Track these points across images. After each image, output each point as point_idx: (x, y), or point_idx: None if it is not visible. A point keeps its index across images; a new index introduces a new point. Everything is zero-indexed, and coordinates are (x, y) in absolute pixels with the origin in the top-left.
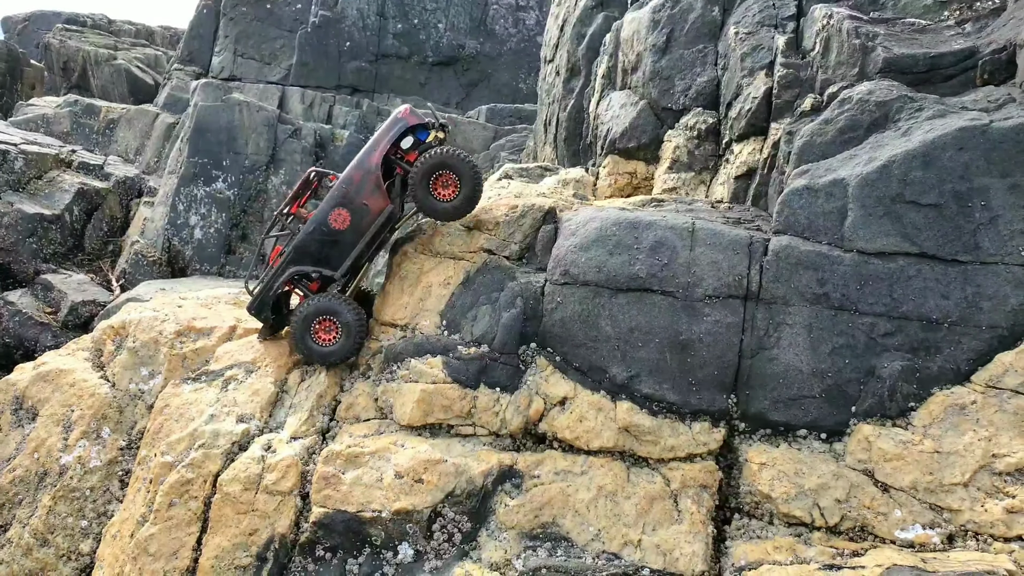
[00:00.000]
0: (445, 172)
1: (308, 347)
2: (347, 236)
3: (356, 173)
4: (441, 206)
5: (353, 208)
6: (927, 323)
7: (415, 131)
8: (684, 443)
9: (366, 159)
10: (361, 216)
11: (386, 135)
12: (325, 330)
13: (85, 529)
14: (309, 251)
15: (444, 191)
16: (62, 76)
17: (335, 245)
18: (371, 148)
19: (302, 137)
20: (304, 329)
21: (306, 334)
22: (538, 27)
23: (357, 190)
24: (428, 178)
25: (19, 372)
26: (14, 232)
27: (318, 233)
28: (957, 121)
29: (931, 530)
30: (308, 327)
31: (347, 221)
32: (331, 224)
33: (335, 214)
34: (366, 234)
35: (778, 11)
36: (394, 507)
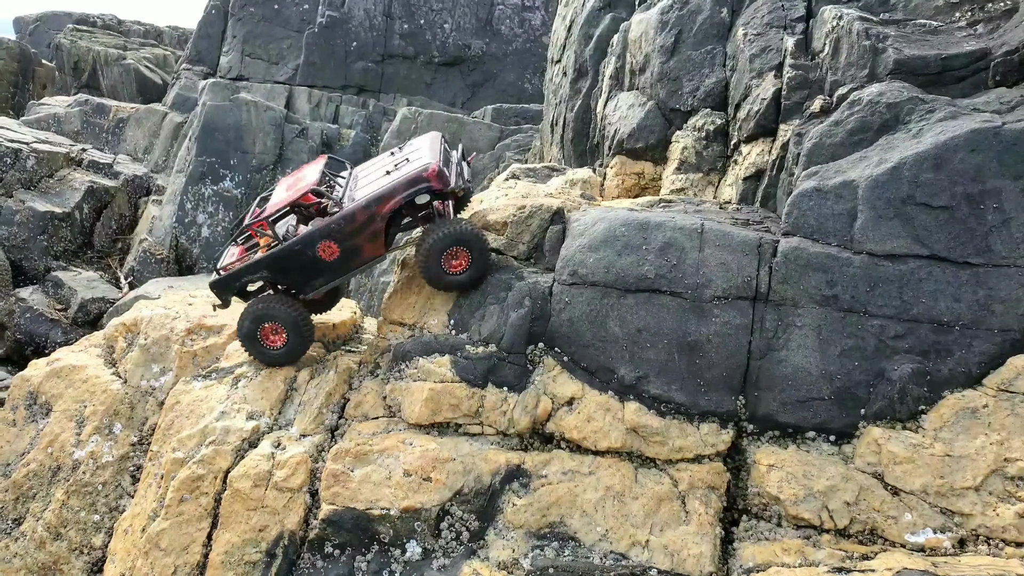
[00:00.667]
0: (459, 248)
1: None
2: (330, 267)
3: (361, 214)
4: (449, 278)
5: (345, 246)
6: (938, 326)
7: (432, 192)
8: (692, 444)
9: (376, 206)
10: (351, 255)
11: (404, 190)
12: (273, 332)
13: (97, 523)
14: (286, 268)
15: (455, 264)
16: (72, 76)
17: (314, 272)
18: (385, 195)
19: (309, 136)
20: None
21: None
22: (544, 27)
23: (356, 231)
24: (441, 252)
25: (33, 368)
26: (25, 230)
27: (302, 256)
28: (969, 123)
29: (942, 534)
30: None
31: (335, 255)
32: (318, 253)
33: (325, 245)
34: (349, 272)
35: (787, 12)
36: (402, 505)
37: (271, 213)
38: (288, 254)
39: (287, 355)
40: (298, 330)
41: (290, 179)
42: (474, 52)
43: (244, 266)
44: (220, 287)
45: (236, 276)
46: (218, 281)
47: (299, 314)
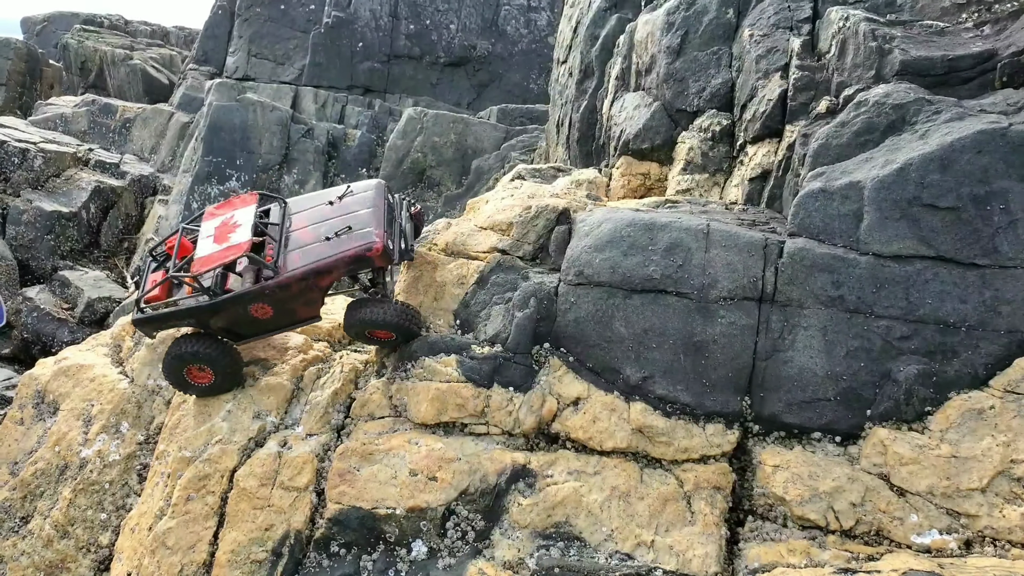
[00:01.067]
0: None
1: (184, 385)
2: (261, 324)
3: (297, 285)
4: (370, 340)
5: (280, 309)
6: (944, 327)
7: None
8: (698, 445)
9: (314, 278)
10: (284, 316)
11: (345, 267)
12: (199, 370)
13: (104, 522)
14: (217, 319)
15: (380, 334)
16: (79, 76)
17: (245, 326)
18: (323, 270)
19: (315, 137)
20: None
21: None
22: (549, 28)
23: (291, 297)
24: (366, 328)
25: (41, 367)
26: (32, 229)
27: (232, 311)
28: (976, 124)
29: (948, 535)
30: (182, 368)
31: (268, 315)
32: (250, 311)
33: (258, 306)
34: (281, 329)
35: (793, 13)
36: (408, 504)
37: (200, 272)
38: (218, 308)
39: (213, 391)
40: (224, 371)
41: (219, 217)
42: (480, 52)
43: (170, 312)
44: (145, 326)
45: (162, 319)
46: (142, 320)
47: (227, 356)
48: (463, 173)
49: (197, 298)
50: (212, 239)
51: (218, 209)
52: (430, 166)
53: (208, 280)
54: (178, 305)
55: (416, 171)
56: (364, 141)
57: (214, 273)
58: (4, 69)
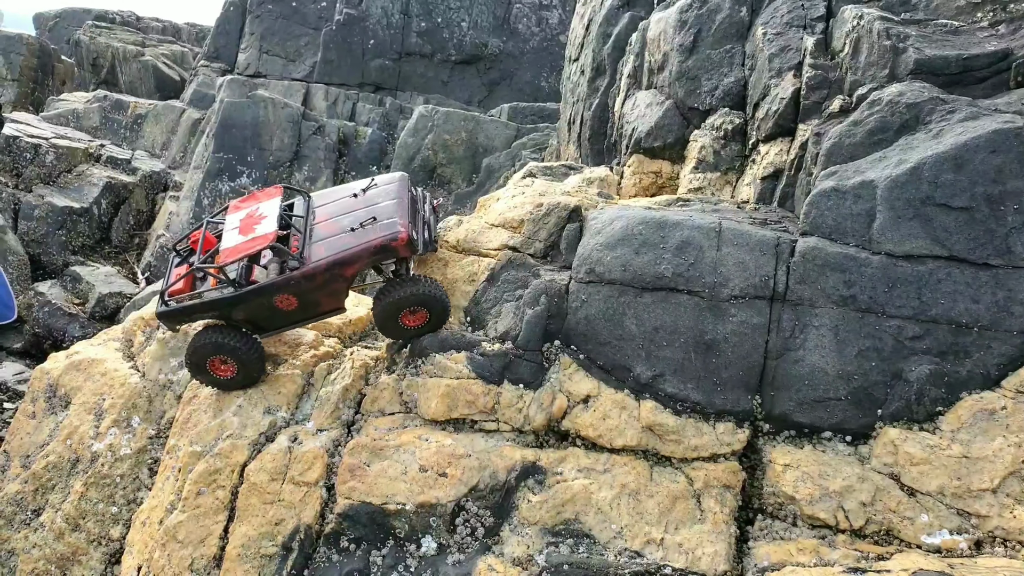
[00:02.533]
0: (419, 308)
1: (207, 378)
2: (286, 315)
3: (322, 276)
4: (404, 331)
5: (304, 300)
6: (956, 327)
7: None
8: (708, 443)
9: (339, 268)
10: (308, 306)
11: (369, 256)
12: (222, 363)
13: (115, 515)
14: (240, 311)
15: (412, 320)
16: (91, 72)
17: (269, 318)
18: (347, 260)
19: (326, 134)
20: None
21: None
22: (561, 26)
23: (316, 288)
24: (400, 310)
25: (52, 361)
26: (44, 224)
27: (257, 303)
28: (990, 124)
29: (958, 535)
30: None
31: (292, 306)
32: (275, 302)
33: (283, 298)
34: (306, 321)
35: (807, 12)
36: (418, 500)
37: (226, 263)
38: (243, 300)
39: (235, 384)
40: (247, 363)
41: (243, 210)
42: (491, 50)
43: (195, 304)
44: (169, 319)
45: (187, 312)
46: (167, 313)
47: (251, 349)
48: (474, 171)
49: (222, 290)
50: (237, 231)
51: (242, 202)
52: (441, 164)
53: (233, 272)
54: (202, 297)
55: (427, 169)
56: (375, 139)
57: (239, 265)
58: (17, 65)
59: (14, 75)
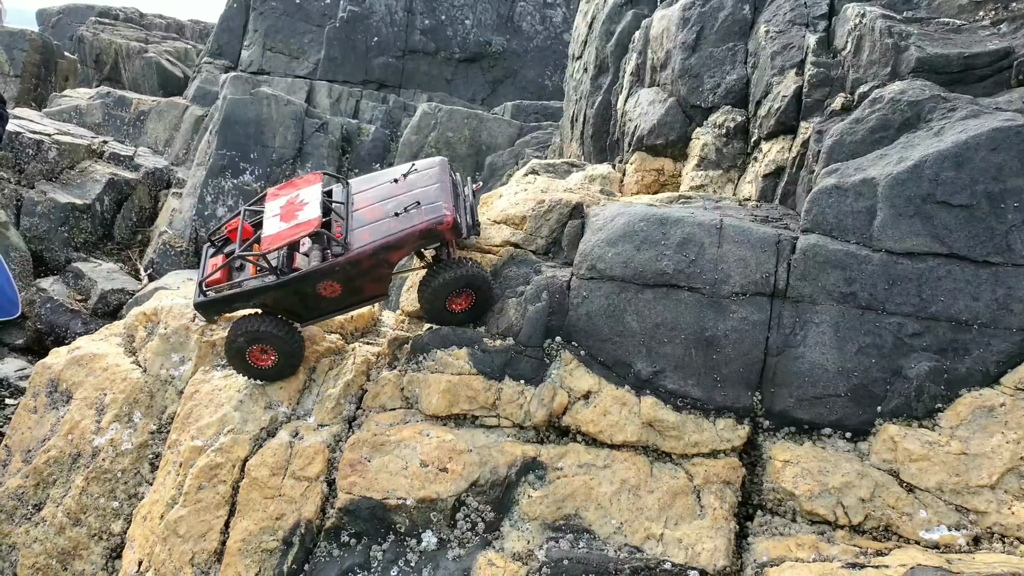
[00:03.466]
0: (465, 291)
1: (246, 368)
2: (329, 302)
3: (368, 261)
4: (452, 316)
5: (349, 286)
6: (956, 324)
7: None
8: (708, 439)
9: (384, 254)
10: (352, 293)
11: (415, 240)
12: (263, 352)
13: (116, 510)
14: (282, 299)
15: (458, 304)
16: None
17: (312, 305)
18: (392, 245)
19: (329, 131)
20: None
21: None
22: (565, 24)
23: (361, 274)
24: (448, 293)
25: (54, 356)
26: (47, 221)
27: (300, 291)
28: (991, 122)
29: (956, 531)
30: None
31: (336, 293)
32: (318, 289)
33: (327, 284)
34: (349, 309)
35: (809, 10)
36: (419, 495)
37: (269, 249)
38: (285, 288)
39: (275, 375)
40: (288, 352)
41: (282, 197)
42: (495, 48)
43: (235, 293)
44: (207, 309)
45: (228, 301)
46: (205, 304)
47: (291, 337)
48: (477, 169)
49: (263, 278)
50: (279, 218)
51: (280, 190)
52: None
53: (274, 260)
54: (243, 286)
55: None
56: (378, 136)
57: (279, 253)
58: (19, 61)
59: (17, 71)
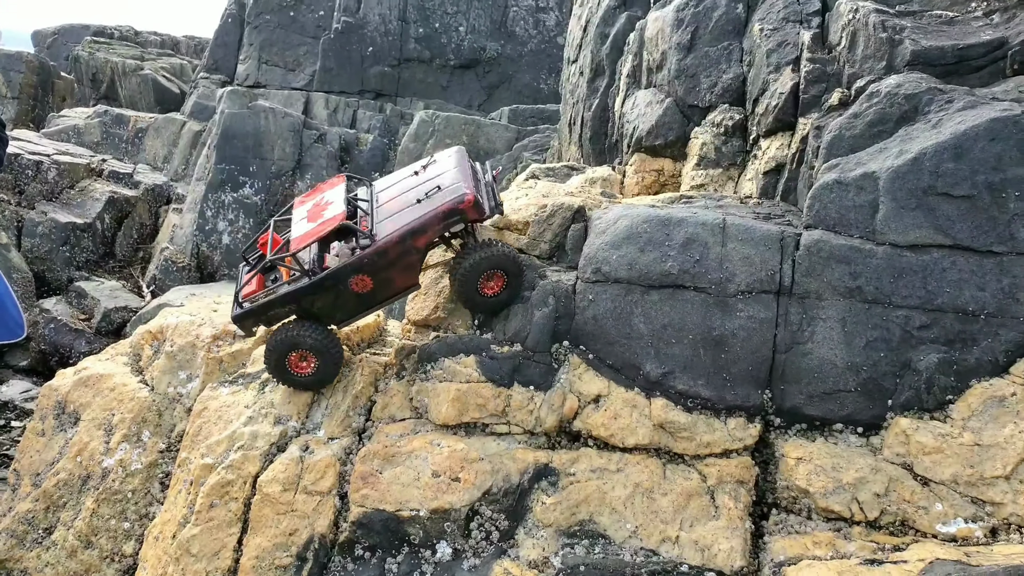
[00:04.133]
0: (496, 272)
1: (285, 376)
2: (362, 299)
3: (394, 249)
4: (485, 300)
5: (379, 279)
6: (963, 315)
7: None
8: (719, 439)
9: (411, 239)
10: (384, 286)
11: (440, 222)
12: (301, 359)
13: (128, 531)
14: (317, 300)
15: (490, 287)
16: (91, 87)
17: (345, 304)
18: (418, 229)
19: (327, 142)
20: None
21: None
22: (558, 28)
23: (390, 264)
24: (478, 276)
25: (60, 378)
26: (48, 241)
27: (331, 289)
28: (988, 112)
29: (973, 524)
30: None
31: (368, 287)
32: (350, 286)
33: (358, 279)
34: (383, 303)
35: (803, 6)
36: (432, 506)
37: (298, 248)
38: (317, 288)
39: (315, 382)
40: (327, 356)
41: (308, 203)
42: (489, 54)
43: (271, 299)
44: (244, 321)
45: (263, 309)
46: (243, 314)
47: (330, 341)
48: None
49: (296, 282)
50: (305, 220)
51: (306, 197)
52: None
53: (306, 262)
54: (277, 292)
55: None
56: (376, 145)
57: (311, 255)
58: (16, 82)
59: (14, 93)
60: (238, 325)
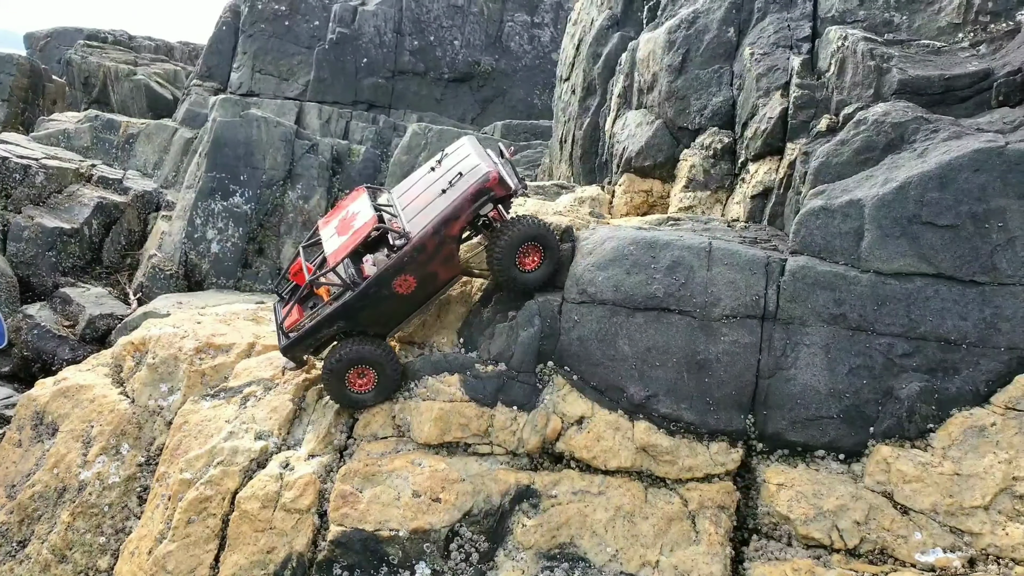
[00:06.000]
0: (531, 243)
1: (345, 397)
2: (408, 301)
3: (431, 241)
4: (523, 276)
5: (422, 276)
6: (945, 344)
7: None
8: (702, 463)
9: (445, 229)
10: (428, 283)
11: (469, 205)
12: (359, 376)
13: (103, 545)
14: (363, 311)
15: (529, 262)
16: (83, 91)
17: (392, 308)
18: (450, 217)
19: (319, 152)
20: (339, 378)
21: (342, 383)
22: (553, 44)
23: (429, 258)
24: (515, 250)
25: (40, 387)
26: (34, 245)
27: (377, 296)
28: (973, 143)
29: (951, 553)
30: (344, 374)
31: (412, 287)
32: (394, 288)
33: (401, 280)
34: (428, 302)
35: (793, 32)
36: (411, 526)
37: (337, 262)
38: (363, 299)
39: (376, 398)
40: (386, 370)
41: (334, 220)
42: (484, 68)
43: (319, 320)
44: (294, 350)
45: (311, 333)
46: (291, 343)
47: (387, 354)
48: None
49: (341, 298)
50: (336, 236)
51: (330, 216)
52: None
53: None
54: (323, 312)
55: None
56: (369, 156)
57: (348, 271)
58: (7, 85)
59: (4, 95)
60: (288, 356)
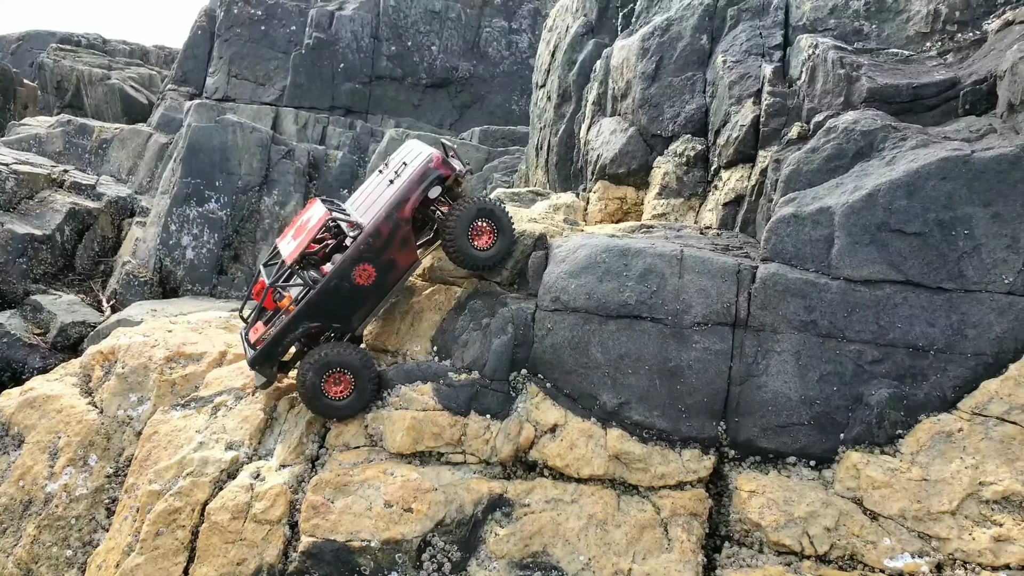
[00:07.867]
0: (482, 221)
1: (322, 406)
2: (370, 292)
3: (384, 226)
4: (477, 254)
5: (380, 264)
6: (913, 350)
7: (443, 180)
8: (674, 471)
9: (396, 211)
10: (387, 271)
11: (417, 186)
12: (335, 382)
13: (70, 559)
14: (326, 307)
15: (481, 240)
16: (55, 95)
17: (356, 301)
18: (400, 200)
19: (295, 158)
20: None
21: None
22: (531, 50)
23: (385, 244)
24: (466, 229)
25: (6, 398)
26: (4, 252)
27: (339, 289)
28: (940, 151)
29: (920, 558)
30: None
31: (372, 277)
32: (355, 280)
33: (359, 270)
34: (391, 290)
35: (765, 40)
36: (383, 536)
37: (294, 259)
38: (325, 294)
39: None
40: (362, 373)
41: (290, 232)
42: (461, 74)
43: (282, 327)
44: (262, 360)
45: (277, 341)
46: (258, 355)
47: (362, 357)
48: None
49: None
50: (292, 239)
51: (286, 231)
52: None
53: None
54: (288, 314)
55: None
56: (346, 162)
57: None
58: None
59: None
60: (256, 370)
